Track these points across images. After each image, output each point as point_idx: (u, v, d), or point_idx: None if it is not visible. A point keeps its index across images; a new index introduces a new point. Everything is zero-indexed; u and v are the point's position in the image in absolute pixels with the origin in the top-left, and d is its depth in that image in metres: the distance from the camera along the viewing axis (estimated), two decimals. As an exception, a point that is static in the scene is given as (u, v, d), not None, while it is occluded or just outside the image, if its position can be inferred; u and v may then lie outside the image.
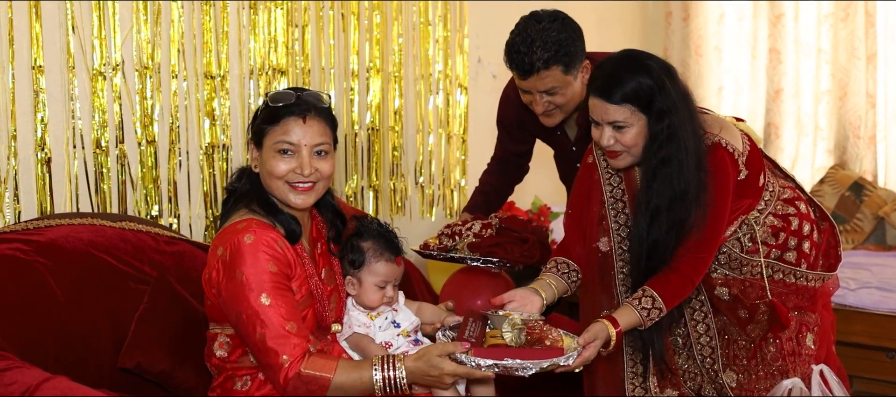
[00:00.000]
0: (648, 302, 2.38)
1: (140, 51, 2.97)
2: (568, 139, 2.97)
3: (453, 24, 4.17)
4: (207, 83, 3.18)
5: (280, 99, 2.24)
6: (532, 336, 2.18)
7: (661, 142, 2.33)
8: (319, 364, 2.10)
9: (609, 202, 2.56)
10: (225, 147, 3.25)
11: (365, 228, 2.44)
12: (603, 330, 2.29)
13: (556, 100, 2.71)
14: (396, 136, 3.94)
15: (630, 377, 2.59)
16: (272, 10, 3.37)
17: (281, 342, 2.08)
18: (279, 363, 2.07)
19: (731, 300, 2.51)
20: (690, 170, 2.34)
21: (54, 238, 2.51)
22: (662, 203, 2.36)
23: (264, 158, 2.24)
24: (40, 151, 2.76)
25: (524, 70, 2.65)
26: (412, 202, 4.07)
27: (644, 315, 2.37)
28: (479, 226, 2.75)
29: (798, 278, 2.51)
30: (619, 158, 2.40)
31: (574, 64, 2.67)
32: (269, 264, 2.14)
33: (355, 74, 3.72)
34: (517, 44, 2.65)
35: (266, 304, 2.10)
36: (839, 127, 5.21)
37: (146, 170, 3.02)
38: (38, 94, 2.74)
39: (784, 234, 2.51)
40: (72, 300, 2.44)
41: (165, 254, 2.72)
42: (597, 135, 2.39)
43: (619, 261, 2.54)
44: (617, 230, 2.55)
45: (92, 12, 2.85)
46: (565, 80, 2.67)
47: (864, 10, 5.08)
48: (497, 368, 2.08)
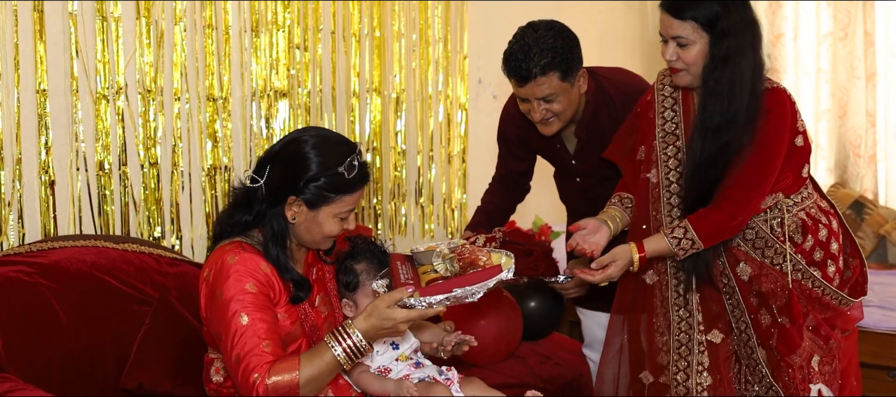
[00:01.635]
0: (680, 232, 2.48)
1: (143, 74, 3.00)
2: (567, 152, 2.98)
3: (454, 46, 4.20)
4: (209, 105, 3.21)
5: (352, 169, 2.18)
6: (464, 261, 2.17)
7: (718, 63, 2.43)
8: (283, 367, 2.06)
9: (660, 135, 2.64)
10: (227, 168, 3.27)
11: (357, 250, 2.43)
12: (626, 251, 2.48)
13: (553, 107, 2.73)
14: (397, 157, 3.96)
15: (675, 308, 2.65)
16: (274, 32, 3.40)
17: (253, 361, 2.05)
18: (250, 382, 2.04)
19: (749, 282, 2.56)
20: (743, 97, 2.43)
21: (58, 260, 2.53)
22: (713, 124, 2.45)
23: (319, 220, 2.20)
24: (44, 174, 2.79)
25: (522, 77, 2.68)
26: (413, 223, 4.08)
27: (675, 244, 2.47)
28: (483, 240, 2.74)
29: (816, 286, 2.53)
30: (680, 75, 2.52)
31: (571, 71, 2.70)
32: (249, 284, 2.12)
33: (357, 95, 3.75)
34: (515, 51, 2.69)
35: (243, 324, 2.08)
36: (839, 146, 5.22)
37: (149, 192, 3.04)
38: (42, 118, 2.76)
39: (812, 239, 2.54)
40: (75, 321, 2.46)
41: (168, 275, 2.74)
42: (663, 51, 2.51)
43: (666, 192, 2.62)
44: (665, 161, 2.63)
45: (96, 36, 2.88)
46: (562, 86, 2.69)
47: (864, 29, 5.11)
48: (448, 301, 2.08)
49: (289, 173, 2.18)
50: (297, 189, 2.17)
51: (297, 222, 2.21)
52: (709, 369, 2.60)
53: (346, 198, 2.20)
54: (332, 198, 2.18)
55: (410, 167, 4.04)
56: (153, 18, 3.01)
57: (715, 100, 2.45)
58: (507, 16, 4.53)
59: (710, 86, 2.45)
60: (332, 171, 2.16)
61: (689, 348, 2.61)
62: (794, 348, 2.50)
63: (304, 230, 2.22)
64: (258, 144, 3.35)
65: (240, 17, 3.29)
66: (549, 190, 3.39)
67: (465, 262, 2.16)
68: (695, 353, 2.61)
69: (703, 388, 2.59)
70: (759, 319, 2.55)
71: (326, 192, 2.17)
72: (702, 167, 2.48)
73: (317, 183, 2.16)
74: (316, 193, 2.17)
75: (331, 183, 2.17)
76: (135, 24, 2.97)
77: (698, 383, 2.60)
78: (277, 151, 2.24)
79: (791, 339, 2.50)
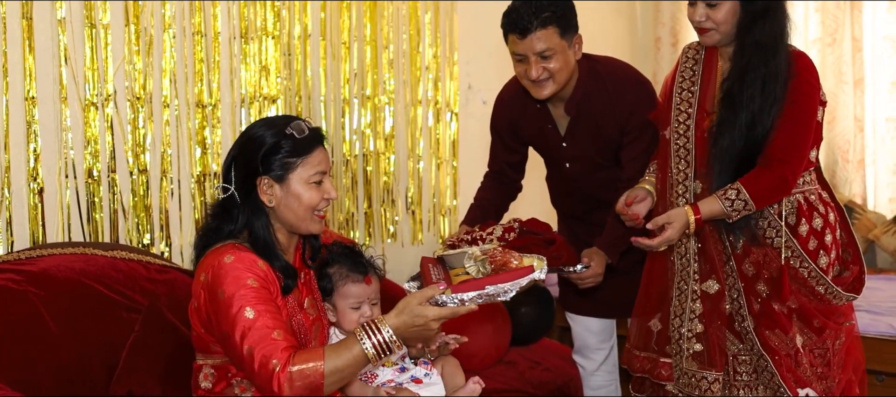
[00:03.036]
0: (733, 193, 2.49)
1: (132, 81, 3.00)
2: (558, 133, 3.00)
3: (443, 51, 4.21)
4: (199, 112, 3.21)
5: (302, 129, 2.23)
6: (496, 263, 2.19)
7: (754, 17, 2.49)
8: (306, 356, 2.04)
9: (676, 91, 2.69)
10: (216, 175, 3.27)
11: (332, 255, 2.44)
12: (682, 214, 2.49)
13: (549, 65, 2.77)
14: (387, 163, 3.96)
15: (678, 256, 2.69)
16: (263, 39, 3.40)
17: (268, 350, 2.03)
18: (269, 370, 2.02)
19: (743, 251, 2.59)
20: (783, 53, 2.50)
21: (46, 267, 2.52)
22: (757, 77, 2.48)
23: (295, 191, 2.22)
24: (33, 181, 2.78)
25: (522, 29, 2.74)
26: (403, 228, 4.08)
27: (728, 205, 2.48)
28: (501, 230, 2.71)
29: (811, 275, 2.55)
30: (709, 35, 2.56)
31: (569, 30, 2.78)
32: (250, 280, 2.12)
33: (347, 101, 3.75)
34: (517, 6, 2.77)
35: (250, 318, 2.07)
36: (828, 151, 5.24)
37: (138, 199, 3.04)
38: (30, 125, 2.76)
39: (806, 225, 2.56)
40: (64, 329, 2.45)
41: (157, 282, 2.74)
42: (690, 13, 2.56)
43: (675, 145, 2.66)
44: (676, 116, 2.67)
45: (84, 43, 2.87)
46: (560, 43, 2.77)
47: (851, 35, 5.13)
48: (480, 298, 2.09)
49: (248, 159, 2.23)
50: (259, 169, 2.21)
51: (275, 204, 2.24)
52: (700, 316, 2.64)
53: (307, 159, 2.23)
54: (294, 162, 2.22)
55: (400, 172, 4.04)
56: (142, 25, 3.01)
57: (756, 53, 2.49)
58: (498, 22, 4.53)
59: (751, 40, 2.50)
60: (283, 136, 2.21)
61: (686, 295, 2.67)
62: (775, 327, 2.53)
63: (286, 209, 2.24)
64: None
65: (229, 24, 3.29)
66: (540, 194, 3.40)
67: (498, 264, 2.20)
68: (688, 300, 2.66)
69: (693, 334, 2.64)
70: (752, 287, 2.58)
71: (287, 158, 2.21)
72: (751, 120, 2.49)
73: (275, 154, 2.21)
74: (279, 163, 2.21)
75: (287, 148, 2.21)
76: (124, 31, 2.97)
77: (689, 329, 2.65)
78: (233, 153, 2.29)
79: (775, 317, 2.54)
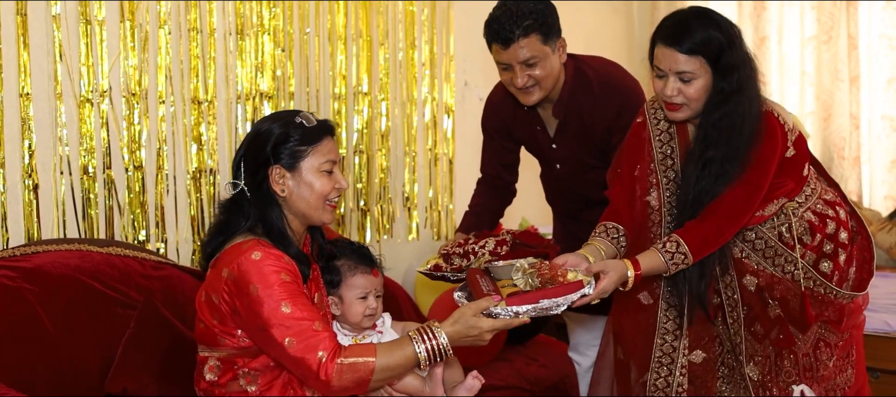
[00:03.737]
0: (672, 246, 2.40)
1: (127, 77, 2.99)
2: (547, 135, 3.01)
3: (440, 48, 4.21)
4: (194, 108, 3.20)
5: (310, 119, 2.29)
6: (543, 277, 2.23)
7: (726, 97, 2.38)
8: (357, 350, 2.11)
9: (658, 158, 2.60)
10: (212, 171, 3.26)
11: (338, 249, 2.49)
12: (620, 266, 2.34)
13: (534, 73, 2.78)
14: (383, 160, 3.96)
15: (661, 332, 2.63)
16: (259, 35, 3.40)
17: (312, 341, 2.08)
18: (317, 360, 2.06)
19: (757, 291, 2.55)
20: (749, 130, 2.39)
21: (41, 264, 2.52)
22: (716, 157, 2.41)
23: (307, 180, 2.26)
24: (28, 178, 2.77)
25: (504, 39, 2.73)
26: (399, 225, 4.08)
27: (668, 258, 2.39)
28: (494, 243, 2.67)
29: (827, 291, 2.53)
30: (679, 111, 2.44)
31: (552, 35, 2.77)
32: (281, 274, 2.15)
33: (343, 98, 3.75)
34: (497, 16, 2.76)
35: (287, 312, 2.10)
36: (824, 148, 5.25)
37: (133, 196, 3.03)
38: (25, 121, 2.75)
39: (820, 236, 2.53)
40: (59, 326, 2.45)
41: (152, 278, 2.73)
42: (660, 87, 2.43)
43: (668, 216, 2.58)
44: (666, 185, 2.59)
45: (79, 39, 2.87)
46: (544, 50, 2.76)
47: (847, 32, 5.14)
48: (533, 312, 2.14)
49: (259, 151, 2.26)
50: (270, 159, 2.25)
51: (288, 194, 2.27)
52: (688, 390, 2.62)
53: (318, 147, 2.27)
54: (305, 150, 2.26)
55: (397, 170, 4.04)
56: (137, 21, 3.00)
57: (719, 134, 2.41)
58: (493, 19, 4.54)
59: (715, 119, 2.40)
60: (292, 126, 2.26)
61: (670, 370, 2.63)
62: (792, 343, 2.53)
63: (298, 198, 2.27)
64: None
65: (225, 20, 3.28)
66: (536, 192, 3.40)
67: (545, 278, 2.22)
68: (676, 375, 2.62)
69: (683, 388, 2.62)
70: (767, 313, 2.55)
71: (297, 147, 2.25)
72: (696, 198, 2.45)
73: (286, 143, 2.25)
74: (289, 152, 2.25)
75: (298, 137, 2.25)
76: (119, 27, 2.96)
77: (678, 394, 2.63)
78: (243, 149, 2.33)
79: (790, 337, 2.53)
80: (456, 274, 2.69)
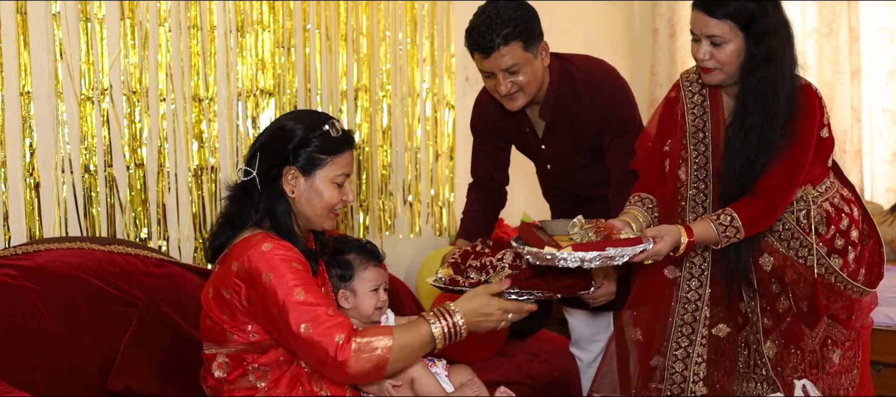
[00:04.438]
0: (726, 219, 2.45)
1: (128, 75, 2.99)
2: (536, 136, 3.00)
3: (440, 44, 4.20)
4: (195, 106, 3.20)
5: (336, 129, 2.28)
6: (600, 233, 2.29)
7: (758, 63, 2.43)
8: (374, 331, 2.12)
9: (690, 131, 2.65)
10: (213, 169, 3.26)
11: (345, 245, 2.52)
12: (675, 232, 2.39)
13: (517, 79, 2.75)
14: (384, 155, 3.96)
15: (683, 302, 2.68)
16: (259, 33, 3.40)
17: (328, 325, 2.08)
18: (334, 343, 2.06)
19: (771, 273, 2.59)
20: (784, 95, 2.44)
21: (43, 262, 2.52)
22: (756, 123, 2.46)
23: (317, 187, 2.27)
24: (29, 176, 2.78)
25: (485, 48, 2.70)
26: (401, 221, 4.08)
27: (720, 231, 2.44)
28: (512, 255, 2.55)
29: (838, 280, 2.57)
30: (712, 74, 2.50)
31: (533, 41, 2.74)
32: (293, 263, 2.16)
33: (344, 94, 3.75)
34: (477, 25, 2.72)
35: (301, 299, 2.11)
36: (825, 141, 5.25)
37: (135, 194, 3.03)
38: (26, 120, 2.75)
39: (834, 228, 2.58)
40: (61, 324, 2.46)
41: (154, 276, 2.74)
42: (694, 50, 2.49)
43: (693, 189, 2.63)
44: (695, 158, 2.64)
45: (80, 38, 2.87)
46: (525, 56, 2.72)
47: (848, 25, 5.14)
48: (598, 260, 2.20)
49: (279, 147, 2.27)
50: (289, 159, 2.25)
51: (296, 195, 2.28)
52: (707, 361, 2.65)
53: (337, 159, 2.28)
54: (324, 159, 2.26)
55: (398, 165, 4.04)
56: (137, 19, 3.00)
57: (756, 100, 2.46)
58: (494, 14, 4.53)
59: (751, 85, 2.46)
60: (318, 132, 2.26)
61: (690, 340, 2.66)
62: (801, 339, 2.56)
63: (306, 203, 2.28)
64: (244, 144, 3.35)
65: (225, 18, 3.28)
66: (535, 187, 3.40)
67: (602, 233, 2.29)
68: (696, 345, 2.65)
69: (699, 378, 2.64)
70: (776, 307, 2.59)
71: (317, 154, 2.26)
72: (745, 166, 2.49)
73: (307, 147, 2.25)
74: (308, 157, 2.25)
75: (319, 144, 2.26)
76: (119, 25, 2.96)
77: (695, 373, 2.65)
78: (263, 140, 2.33)
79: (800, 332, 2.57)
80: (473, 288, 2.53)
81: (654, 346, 2.74)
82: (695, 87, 2.67)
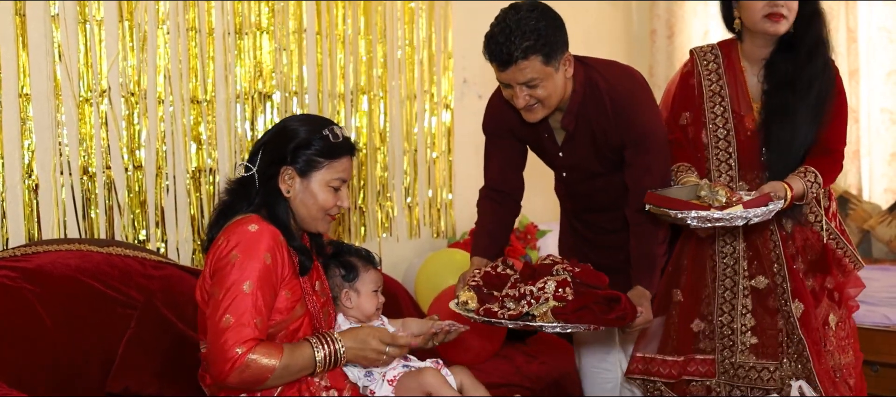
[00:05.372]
0: (812, 176, 2.59)
1: (126, 77, 3.00)
2: (555, 142, 2.86)
3: (438, 46, 4.21)
4: (194, 108, 3.21)
5: (337, 134, 2.32)
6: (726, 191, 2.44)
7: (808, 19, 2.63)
8: (267, 350, 2.13)
9: (707, 95, 2.78)
10: (212, 171, 3.27)
11: (343, 249, 2.58)
12: (782, 188, 2.53)
13: (537, 93, 2.59)
14: (382, 157, 3.97)
15: (721, 256, 2.77)
16: (258, 35, 3.40)
17: (244, 331, 2.11)
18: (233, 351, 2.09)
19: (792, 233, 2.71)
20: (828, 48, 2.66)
21: (42, 264, 2.53)
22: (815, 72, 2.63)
23: (312, 190, 2.30)
24: (28, 178, 2.78)
25: (503, 61, 2.55)
26: (399, 222, 4.09)
27: (808, 186, 2.58)
28: (554, 284, 2.43)
29: (839, 246, 2.73)
30: (783, 23, 2.62)
31: (555, 54, 2.57)
32: (266, 256, 2.18)
33: (342, 96, 3.75)
34: (495, 34, 2.56)
35: (246, 292, 2.13)
36: (823, 141, 5.25)
37: (133, 196, 3.04)
38: (25, 122, 2.76)
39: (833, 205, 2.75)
40: (60, 326, 2.46)
41: (152, 278, 2.74)
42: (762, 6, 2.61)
43: (715, 149, 2.75)
44: (712, 120, 2.76)
45: (78, 40, 2.87)
46: (545, 71, 2.56)
47: (846, 26, 5.14)
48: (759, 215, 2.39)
49: (279, 147, 2.30)
50: (287, 158, 2.28)
51: (292, 195, 2.31)
52: (753, 311, 2.72)
53: (335, 163, 2.31)
54: (322, 163, 2.29)
55: (396, 167, 4.04)
56: (136, 21, 3.01)
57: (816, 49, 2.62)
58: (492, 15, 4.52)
59: (810, 37, 2.63)
60: (318, 136, 2.29)
61: (733, 293, 2.74)
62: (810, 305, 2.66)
63: (300, 203, 2.31)
64: (243, 146, 3.35)
65: (223, 20, 3.29)
66: (539, 189, 3.40)
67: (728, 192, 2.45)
68: (740, 297, 2.73)
69: (747, 328, 2.71)
70: (796, 271, 2.70)
71: (315, 157, 2.29)
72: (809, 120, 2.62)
73: (306, 149, 2.28)
74: (306, 159, 2.28)
75: (319, 148, 2.29)
76: (118, 27, 2.97)
77: (743, 324, 2.72)
78: (266, 138, 2.36)
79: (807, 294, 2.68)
80: (514, 320, 2.41)
81: (696, 308, 2.80)
82: (709, 57, 2.80)
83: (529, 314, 2.39)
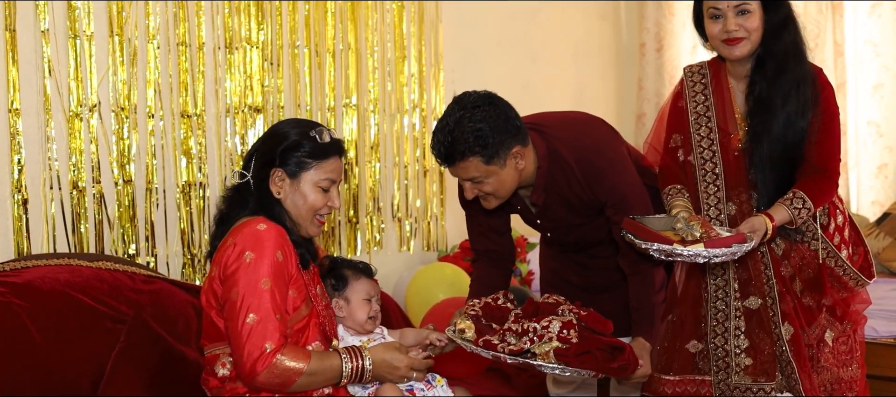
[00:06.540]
0: (799, 202, 2.55)
1: (116, 91, 3.00)
2: (530, 211, 2.82)
3: (429, 58, 4.22)
4: (184, 122, 3.21)
5: (328, 135, 2.36)
6: (703, 226, 2.45)
7: (779, 27, 2.57)
8: (296, 354, 2.20)
9: (692, 118, 2.75)
10: (202, 185, 3.27)
11: (337, 262, 2.61)
12: (762, 222, 2.51)
13: (483, 188, 2.55)
14: (373, 170, 3.97)
15: (712, 276, 2.75)
16: (247, 49, 3.41)
17: (268, 327, 2.17)
18: (261, 349, 2.15)
19: (783, 255, 2.68)
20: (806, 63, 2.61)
21: (31, 279, 2.52)
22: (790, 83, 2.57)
23: (303, 190, 2.35)
24: (17, 193, 2.78)
25: (443, 159, 2.53)
26: (389, 236, 4.09)
27: (795, 213, 2.54)
28: (559, 324, 2.39)
29: (838, 265, 2.67)
30: (740, 45, 2.58)
31: (498, 154, 2.49)
32: (277, 253, 2.23)
33: (332, 109, 3.76)
34: (437, 132, 2.51)
35: (265, 289, 2.19)
36: (811, 154, 5.27)
37: (123, 210, 3.04)
38: (14, 137, 2.76)
39: (833, 224, 2.69)
40: (49, 340, 2.45)
41: (142, 292, 2.73)
42: (717, 28, 2.59)
43: (701, 171, 2.72)
44: (698, 142, 2.74)
45: (68, 54, 2.87)
46: (488, 169, 2.50)
47: (833, 39, 5.17)
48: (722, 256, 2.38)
49: (269, 150, 2.35)
50: (276, 161, 2.33)
51: (283, 197, 2.35)
52: (746, 332, 2.70)
53: (323, 164, 2.35)
54: (310, 163, 2.34)
55: (386, 180, 4.05)
56: (126, 36, 3.01)
57: (788, 59, 2.58)
58: (482, 28, 4.56)
59: (780, 47, 2.58)
60: (306, 137, 2.34)
61: (725, 314, 2.72)
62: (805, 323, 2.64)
63: (291, 205, 2.36)
64: (233, 160, 3.36)
65: (213, 34, 3.29)
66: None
67: (705, 228, 2.44)
68: (732, 318, 2.71)
69: (741, 350, 2.69)
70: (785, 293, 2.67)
71: (304, 158, 2.33)
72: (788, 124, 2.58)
73: (295, 151, 2.33)
74: (295, 161, 2.33)
75: (307, 149, 2.33)
76: (108, 42, 2.97)
77: (736, 346, 2.70)
78: (256, 145, 2.43)
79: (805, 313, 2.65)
80: (514, 356, 2.38)
81: (689, 328, 2.78)
82: (696, 77, 2.78)
83: (530, 351, 2.36)
